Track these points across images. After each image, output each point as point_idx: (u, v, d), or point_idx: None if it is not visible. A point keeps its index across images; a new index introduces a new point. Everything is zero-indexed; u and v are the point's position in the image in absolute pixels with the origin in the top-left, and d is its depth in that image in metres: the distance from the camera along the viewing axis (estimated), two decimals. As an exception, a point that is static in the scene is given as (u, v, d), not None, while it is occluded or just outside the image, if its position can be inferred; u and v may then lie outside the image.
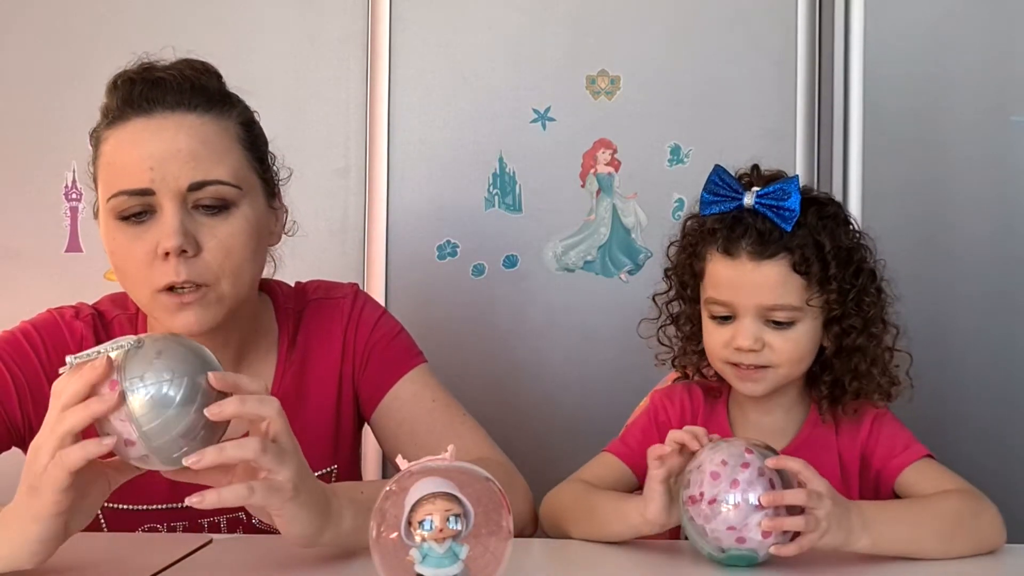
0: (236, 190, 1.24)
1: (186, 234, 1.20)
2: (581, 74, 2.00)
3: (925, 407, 1.41)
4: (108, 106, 1.26)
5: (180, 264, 1.20)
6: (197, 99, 1.24)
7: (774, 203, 1.29)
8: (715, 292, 1.33)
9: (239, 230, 1.24)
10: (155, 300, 1.23)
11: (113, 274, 1.98)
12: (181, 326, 1.23)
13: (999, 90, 1.96)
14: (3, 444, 1.29)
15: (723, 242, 1.31)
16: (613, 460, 1.38)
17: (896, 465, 1.31)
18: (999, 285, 1.96)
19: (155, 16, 2.02)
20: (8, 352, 1.29)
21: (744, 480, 1.12)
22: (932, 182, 1.98)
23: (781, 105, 1.99)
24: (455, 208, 2.01)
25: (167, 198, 1.20)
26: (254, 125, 1.32)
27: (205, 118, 1.24)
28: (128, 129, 1.23)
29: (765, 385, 1.33)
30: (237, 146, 1.27)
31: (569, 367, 2.02)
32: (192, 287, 1.22)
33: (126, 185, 1.21)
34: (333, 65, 2.02)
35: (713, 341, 1.34)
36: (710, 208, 1.34)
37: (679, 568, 1.21)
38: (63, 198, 2.02)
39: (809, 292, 1.30)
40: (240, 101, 1.31)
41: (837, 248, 1.31)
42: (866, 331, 1.33)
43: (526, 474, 1.38)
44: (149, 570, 1.10)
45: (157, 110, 1.22)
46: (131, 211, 1.22)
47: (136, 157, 1.21)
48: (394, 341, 1.41)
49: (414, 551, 0.90)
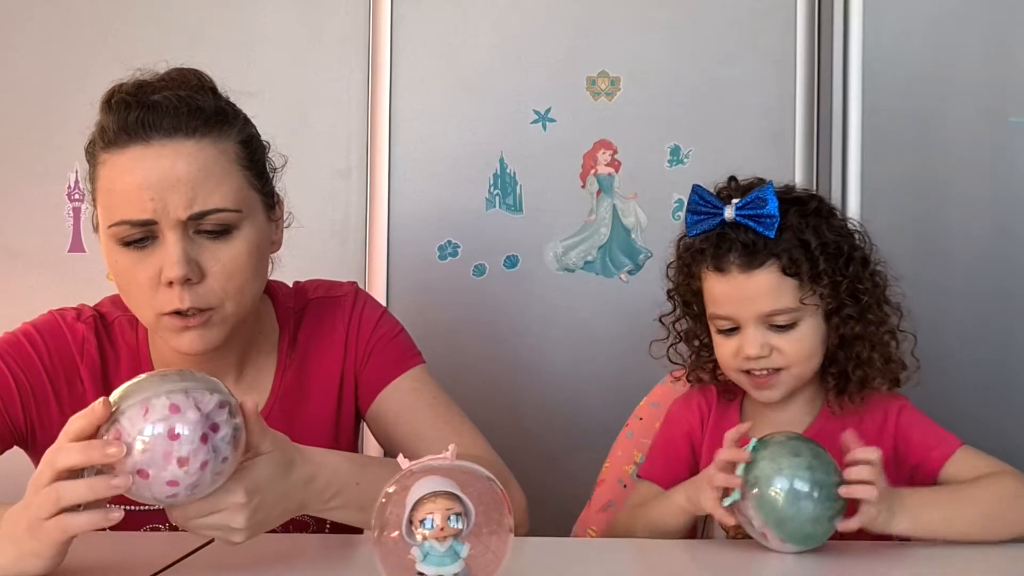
0: (237, 214, 1.24)
1: (189, 262, 1.20)
2: (581, 75, 2.01)
3: (924, 406, 1.41)
4: (104, 127, 1.24)
5: (184, 292, 1.21)
6: (194, 122, 1.22)
7: (753, 212, 1.32)
8: (715, 307, 1.36)
9: (241, 252, 1.24)
10: (159, 321, 1.24)
11: (115, 274, 2.02)
12: (186, 347, 1.24)
13: (998, 92, 1.97)
14: (6, 444, 1.29)
15: (712, 260, 1.34)
16: (648, 485, 1.41)
17: (936, 458, 1.32)
18: (997, 285, 1.97)
19: (157, 19, 2.02)
20: (10, 353, 1.30)
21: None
22: (930, 183, 1.98)
23: (780, 106, 1.99)
24: (456, 209, 2.02)
25: (168, 227, 1.20)
26: (252, 140, 1.30)
27: (203, 143, 1.22)
28: (126, 156, 1.21)
29: (780, 390, 1.35)
30: (236, 168, 1.25)
31: (569, 367, 2.02)
32: (196, 311, 1.22)
33: (127, 215, 1.20)
34: (334, 66, 2.03)
35: (723, 353, 1.37)
36: (695, 228, 1.37)
37: (679, 566, 1.22)
38: (66, 199, 2.03)
39: (803, 291, 1.32)
40: (237, 116, 1.29)
41: (823, 243, 1.33)
42: (863, 319, 1.35)
43: (526, 474, 1.38)
44: (151, 569, 1.10)
45: (154, 137, 1.20)
46: (133, 238, 1.21)
47: (135, 187, 1.20)
48: (395, 339, 1.42)
49: (415, 550, 0.90)
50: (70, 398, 1.30)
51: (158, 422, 0.99)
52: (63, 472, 0.99)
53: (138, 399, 1.00)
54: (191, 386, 1.01)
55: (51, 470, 0.99)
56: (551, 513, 1.45)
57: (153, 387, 1.01)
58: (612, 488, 1.55)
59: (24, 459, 1.33)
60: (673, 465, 1.39)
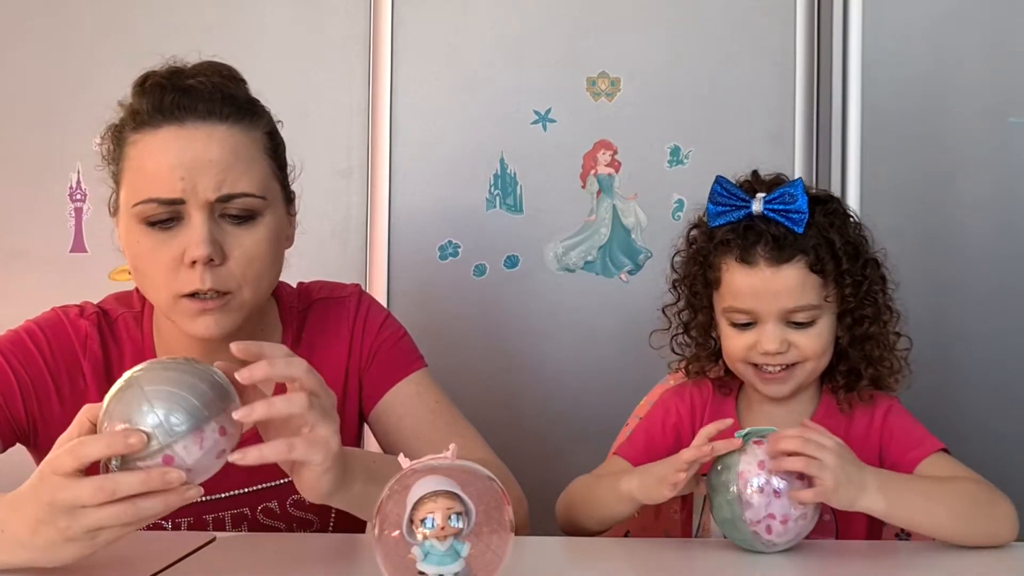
0: (262, 201, 1.26)
1: (214, 243, 1.22)
2: (581, 76, 2.01)
3: (925, 406, 1.42)
4: (136, 109, 1.25)
5: (206, 272, 1.22)
6: (227, 108, 1.25)
7: (783, 207, 1.31)
8: (735, 301, 1.34)
9: (263, 239, 1.26)
10: (176, 304, 1.25)
11: (118, 274, 2.02)
12: (201, 331, 1.25)
13: (997, 92, 1.97)
14: (8, 442, 1.30)
15: (739, 251, 1.33)
16: (621, 462, 1.40)
17: (912, 459, 1.32)
18: (998, 286, 1.97)
19: (159, 19, 2.02)
20: (12, 351, 1.30)
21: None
22: (930, 183, 1.98)
23: (780, 106, 1.99)
24: (457, 209, 2.02)
25: (196, 208, 1.22)
26: (276, 133, 1.33)
27: (235, 129, 1.25)
28: (159, 136, 1.23)
29: (791, 384, 1.35)
30: (263, 156, 1.28)
31: (569, 366, 2.03)
32: (215, 294, 1.24)
33: (156, 193, 1.22)
34: (335, 67, 2.03)
35: (734, 346, 1.36)
36: (718, 219, 1.35)
37: (678, 566, 1.22)
38: (68, 199, 2.03)
39: (826, 289, 1.33)
40: (265, 109, 1.32)
41: (846, 243, 1.34)
42: (878, 319, 1.35)
43: (526, 473, 1.39)
44: (152, 568, 1.10)
45: (189, 119, 1.23)
46: (158, 217, 1.23)
47: (167, 166, 1.21)
48: (399, 342, 1.43)
49: (416, 549, 0.90)
50: (72, 394, 1.31)
51: (211, 449, 1.00)
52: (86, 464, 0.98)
53: (183, 421, 0.98)
54: (220, 393, 1.01)
55: (76, 461, 0.98)
56: (551, 513, 1.45)
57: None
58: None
59: (28, 457, 1.34)
60: (653, 451, 1.38)
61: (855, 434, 1.36)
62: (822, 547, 1.24)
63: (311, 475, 1.06)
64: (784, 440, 1.18)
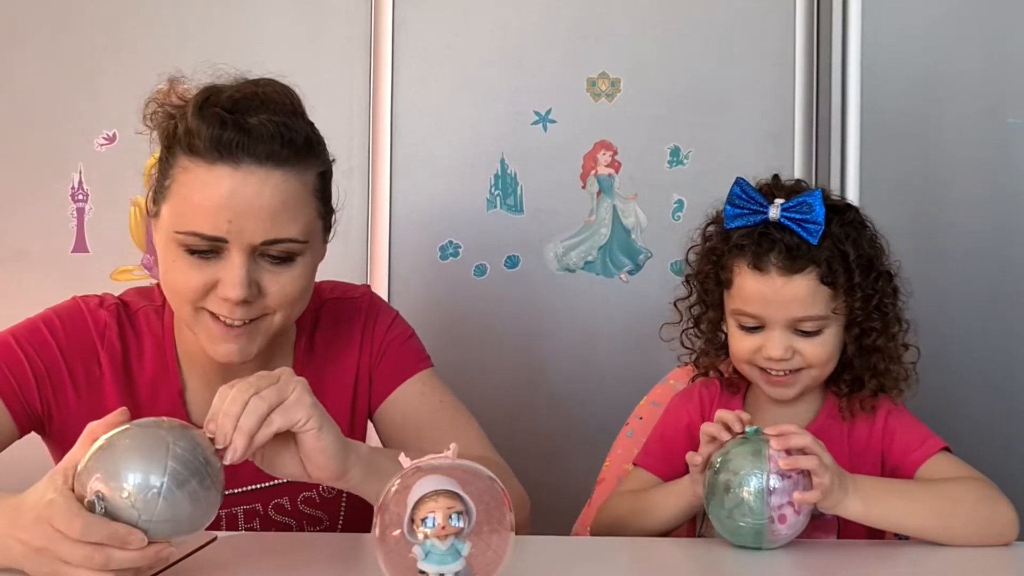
0: (303, 244, 1.24)
1: (251, 285, 1.21)
2: (582, 76, 2.02)
3: (923, 406, 1.42)
4: (193, 132, 1.21)
5: (237, 308, 1.22)
6: (286, 152, 1.21)
7: (800, 216, 1.31)
8: (744, 305, 1.35)
9: (299, 276, 1.25)
10: (199, 319, 1.25)
11: (120, 274, 2.02)
12: (222, 356, 1.25)
13: (996, 93, 1.97)
14: (23, 429, 1.30)
15: (752, 257, 1.33)
16: (644, 473, 1.41)
17: (914, 460, 1.33)
18: (995, 286, 1.97)
19: (161, 20, 2.02)
20: (27, 339, 1.30)
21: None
22: (929, 183, 1.99)
23: (780, 106, 2.00)
24: (457, 209, 2.02)
25: (238, 249, 1.20)
26: (329, 171, 1.31)
27: (289, 175, 1.22)
28: (213, 173, 1.19)
29: (797, 388, 1.36)
30: (312, 199, 1.26)
31: (570, 366, 2.03)
32: (243, 322, 1.24)
33: (201, 228, 1.20)
34: (336, 67, 2.03)
35: (740, 347, 1.36)
36: (735, 222, 1.35)
37: (678, 566, 1.22)
38: (70, 199, 2.03)
39: (836, 301, 1.33)
40: (321, 143, 1.29)
41: (860, 256, 1.34)
42: (886, 332, 1.35)
43: (527, 473, 1.39)
44: (151, 569, 1.10)
45: (244, 161, 1.19)
46: (198, 248, 1.21)
47: (215, 205, 1.19)
48: (407, 342, 1.44)
49: (417, 548, 0.91)
50: (87, 382, 1.31)
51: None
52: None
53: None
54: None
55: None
56: (551, 512, 1.45)
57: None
58: (612, 487, 1.55)
59: (41, 444, 1.35)
60: (671, 457, 1.39)
61: (857, 437, 1.37)
62: (822, 547, 1.24)
63: (312, 442, 1.07)
64: (795, 437, 1.20)
